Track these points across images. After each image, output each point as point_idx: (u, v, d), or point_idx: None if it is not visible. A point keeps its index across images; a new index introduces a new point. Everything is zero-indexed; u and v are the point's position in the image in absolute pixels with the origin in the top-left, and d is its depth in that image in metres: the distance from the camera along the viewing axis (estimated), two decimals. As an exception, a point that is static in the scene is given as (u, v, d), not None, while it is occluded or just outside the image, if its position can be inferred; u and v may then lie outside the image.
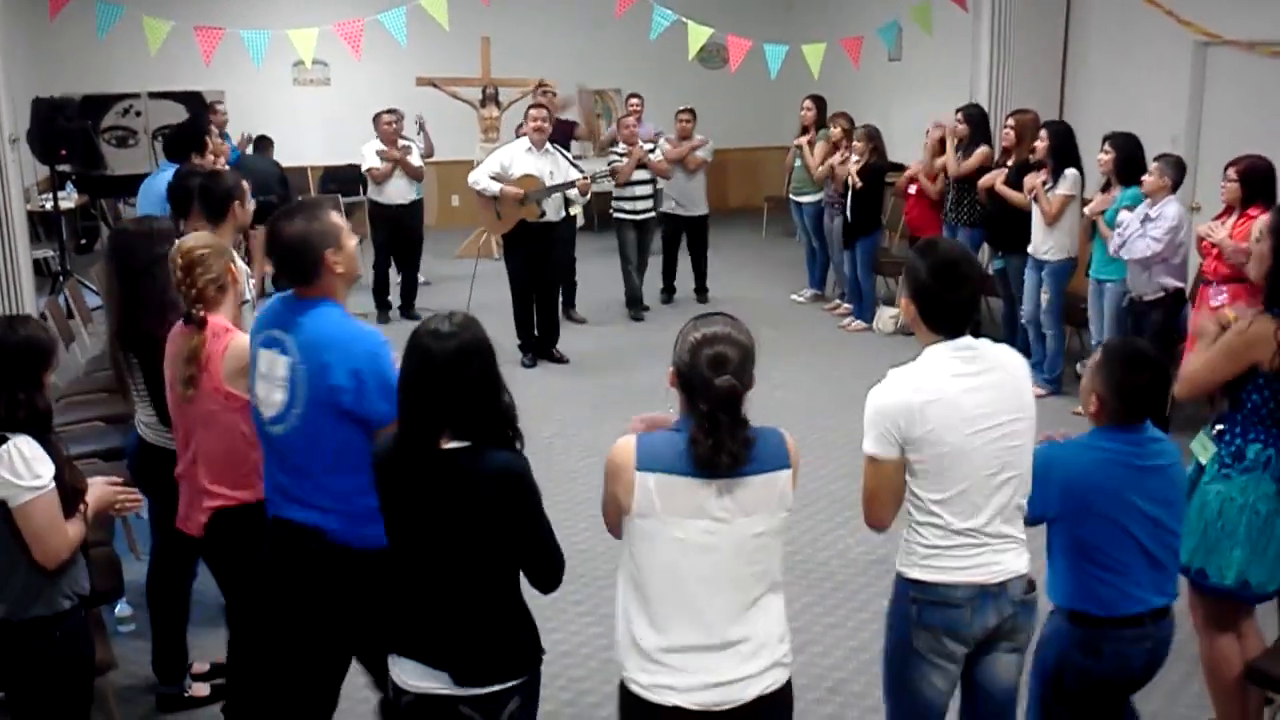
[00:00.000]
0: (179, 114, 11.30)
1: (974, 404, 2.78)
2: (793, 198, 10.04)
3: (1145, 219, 6.33)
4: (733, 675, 2.52)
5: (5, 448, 2.90)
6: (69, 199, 11.08)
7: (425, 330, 2.60)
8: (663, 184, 9.71)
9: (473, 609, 2.63)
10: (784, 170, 10.43)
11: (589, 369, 8.27)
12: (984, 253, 8.29)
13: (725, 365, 2.43)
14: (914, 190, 8.78)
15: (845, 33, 9.30)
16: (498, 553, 2.63)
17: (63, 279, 9.01)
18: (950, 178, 8.34)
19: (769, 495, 2.52)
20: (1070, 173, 7.13)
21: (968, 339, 2.85)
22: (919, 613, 2.87)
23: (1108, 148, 6.74)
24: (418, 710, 2.69)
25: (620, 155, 9.34)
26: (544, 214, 8.07)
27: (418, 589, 2.67)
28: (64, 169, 10.45)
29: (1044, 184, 7.17)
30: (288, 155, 11.31)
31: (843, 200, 9.02)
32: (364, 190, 10.33)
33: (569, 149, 9.51)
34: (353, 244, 3.21)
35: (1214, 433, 3.60)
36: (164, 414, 3.74)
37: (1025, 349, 7.68)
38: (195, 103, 11.63)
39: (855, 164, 8.79)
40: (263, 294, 5.81)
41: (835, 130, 9.26)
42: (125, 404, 4.22)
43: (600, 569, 5.09)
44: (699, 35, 8.28)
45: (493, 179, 7.99)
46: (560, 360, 8.39)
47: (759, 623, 2.56)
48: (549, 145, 8.17)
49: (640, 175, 9.38)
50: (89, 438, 5.28)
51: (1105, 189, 6.83)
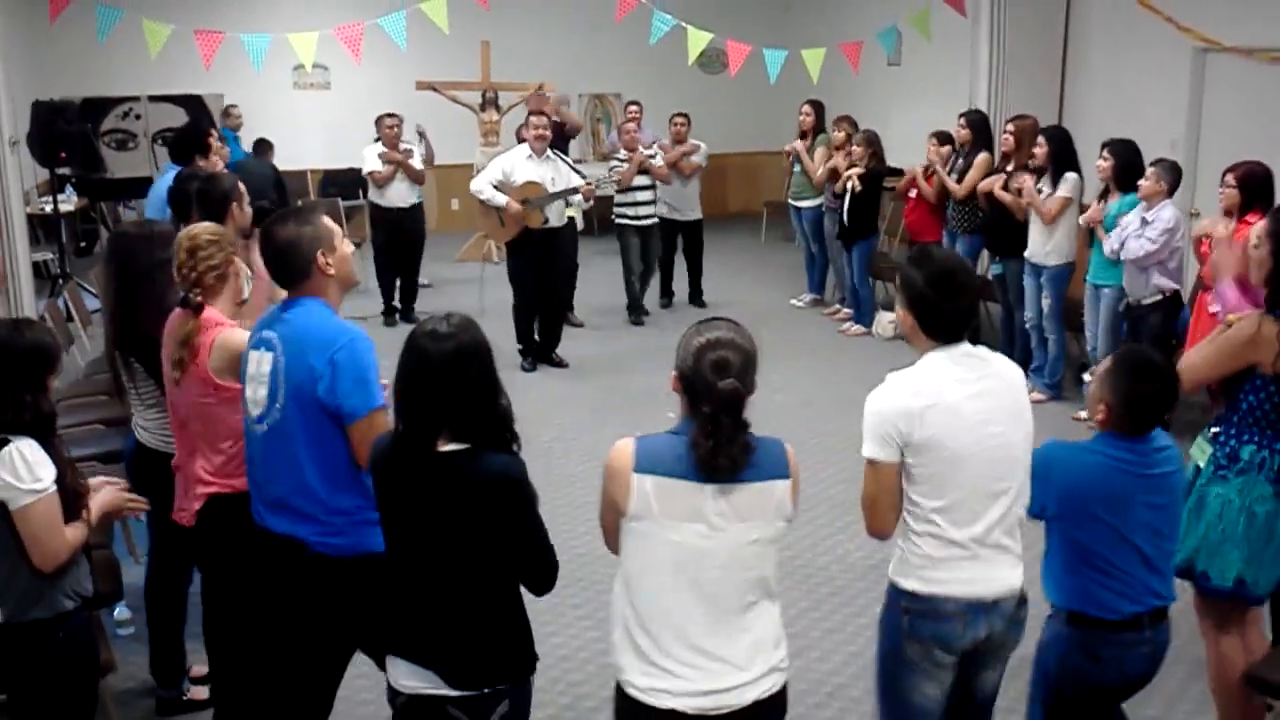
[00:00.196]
0: (179, 117, 11.32)
1: (973, 410, 2.78)
2: (792, 202, 10.04)
3: (1142, 222, 6.35)
4: (729, 680, 2.53)
5: (7, 450, 2.90)
6: (69, 202, 11.09)
7: (423, 332, 2.61)
8: (659, 188, 9.72)
9: (466, 610, 2.63)
10: (783, 174, 10.43)
11: (589, 373, 8.28)
12: (983, 258, 8.29)
13: (728, 369, 2.45)
14: (914, 194, 8.79)
15: (844, 38, 9.31)
16: (493, 555, 2.62)
17: (62, 282, 9.01)
18: (957, 199, 8.28)
19: (765, 503, 2.53)
20: (1070, 176, 7.14)
21: (966, 345, 2.86)
22: (911, 623, 2.87)
23: (1106, 154, 6.74)
24: (410, 711, 2.69)
25: (622, 161, 9.38)
26: (547, 220, 8.08)
27: (412, 589, 2.67)
28: (64, 172, 10.45)
29: (1036, 187, 7.19)
30: (288, 159, 11.33)
31: (839, 203, 9.03)
32: (364, 194, 10.34)
33: (568, 153, 9.52)
34: (348, 249, 3.22)
35: (1210, 435, 3.61)
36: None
37: (1025, 354, 7.69)
38: (195, 106, 11.65)
39: (856, 170, 8.79)
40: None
41: (838, 134, 9.26)
42: (124, 407, 4.22)
43: (599, 573, 5.08)
44: (699, 40, 8.29)
45: (495, 187, 8.00)
46: (560, 365, 8.40)
47: (755, 628, 2.57)
48: (549, 151, 8.18)
49: (642, 181, 9.40)
50: (88, 441, 5.27)
51: (1104, 195, 6.84)
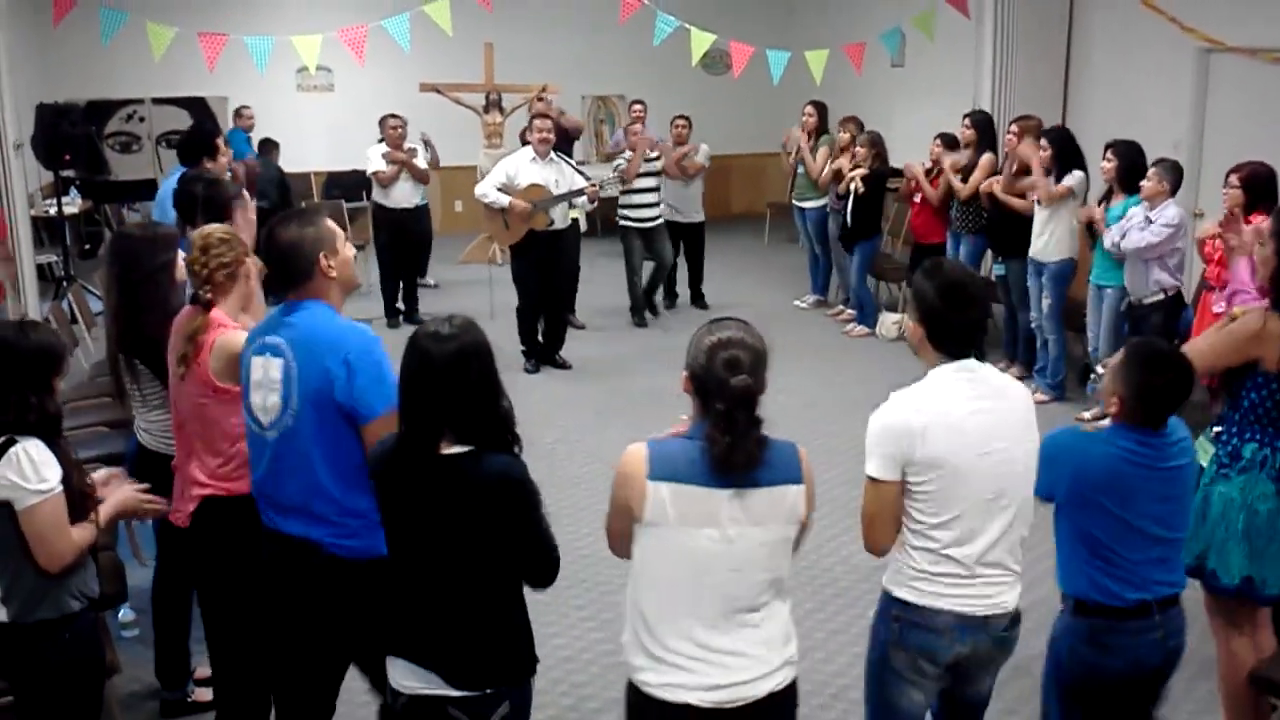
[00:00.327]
0: (183, 120, 11.35)
1: (976, 427, 2.79)
2: (796, 203, 10.03)
3: (1146, 221, 6.35)
4: (743, 674, 2.55)
5: (14, 450, 2.91)
6: (73, 204, 11.11)
7: (425, 333, 2.62)
8: (662, 189, 9.69)
9: (468, 611, 2.63)
10: (785, 175, 10.43)
11: (592, 375, 8.28)
12: (986, 259, 8.28)
13: (739, 367, 2.47)
14: (919, 197, 8.78)
15: (848, 39, 9.31)
16: (496, 556, 2.63)
17: (66, 284, 9.03)
18: (961, 199, 8.28)
19: (778, 508, 2.55)
20: (1076, 173, 7.15)
21: (971, 362, 2.86)
22: (900, 632, 2.90)
23: (1110, 155, 6.74)
24: (411, 712, 2.69)
25: (628, 159, 9.34)
26: (552, 223, 8.09)
27: (414, 590, 2.67)
28: (68, 174, 10.47)
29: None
30: (291, 161, 11.34)
31: (843, 203, 9.03)
32: (368, 195, 10.34)
33: (571, 155, 9.52)
34: (350, 252, 3.22)
35: (1212, 434, 3.61)
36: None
37: (1029, 355, 7.69)
38: (199, 108, 11.67)
39: (860, 171, 8.80)
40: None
41: (843, 136, 9.26)
42: (125, 410, 4.22)
43: (603, 575, 5.08)
44: (702, 41, 8.29)
45: (500, 190, 8.01)
46: (563, 366, 8.40)
47: (765, 625, 2.59)
48: (553, 154, 8.18)
49: (647, 183, 9.35)
50: (92, 443, 5.28)
51: (1107, 196, 6.84)
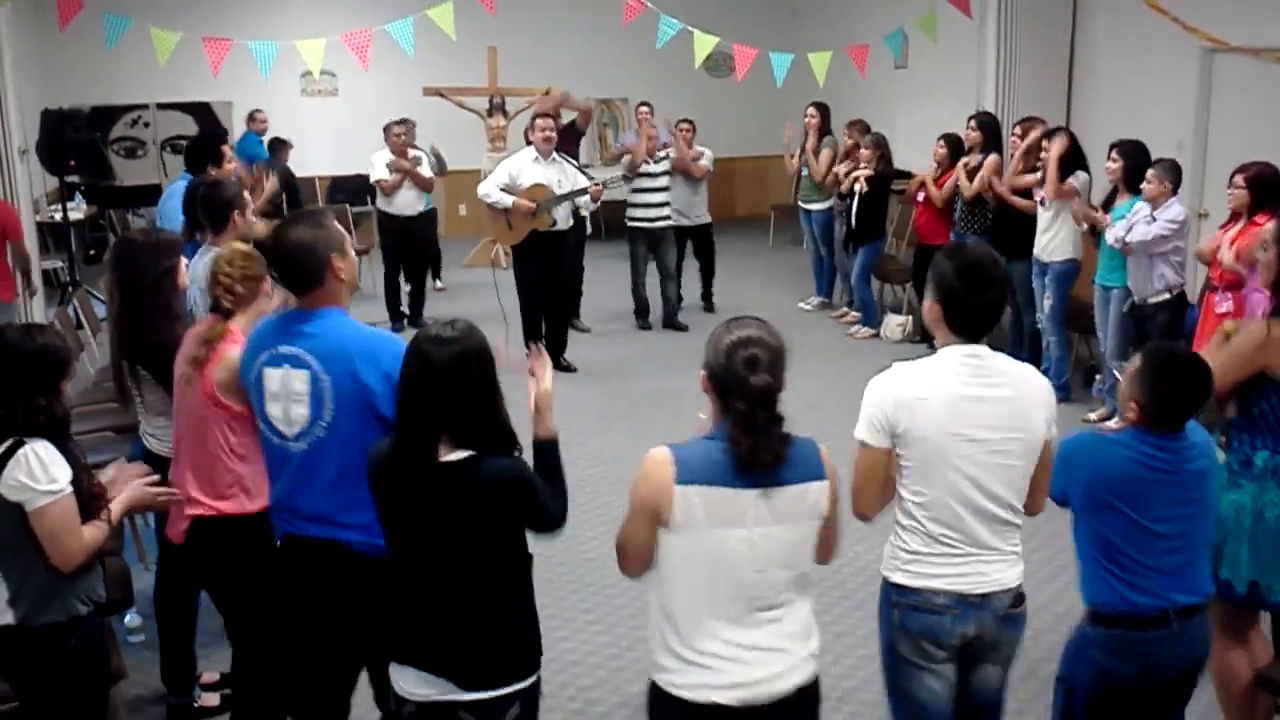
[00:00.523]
0: (188, 125, 11.37)
1: (969, 413, 2.78)
2: (801, 205, 10.03)
3: (1151, 219, 6.35)
4: (767, 670, 2.56)
5: (23, 451, 2.92)
6: (78, 210, 11.13)
7: (426, 336, 2.62)
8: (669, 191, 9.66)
9: (476, 613, 2.63)
10: (789, 176, 10.42)
11: (596, 377, 8.27)
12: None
13: (758, 366, 2.48)
14: (923, 197, 8.78)
15: (850, 41, 9.28)
16: (500, 556, 2.64)
17: (72, 289, 9.05)
18: (966, 198, 8.28)
19: (802, 505, 2.56)
20: (1079, 174, 7.15)
21: (981, 348, 2.85)
22: (901, 617, 2.90)
23: (1115, 155, 6.74)
24: (420, 719, 2.69)
25: (644, 159, 9.24)
26: (555, 223, 8.09)
27: (420, 596, 2.67)
28: (73, 180, 10.50)
29: (1039, 200, 7.25)
30: (296, 165, 11.32)
31: (846, 203, 9.02)
32: (372, 200, 10.36)
33: (577, 157, 9.51)
34: (353, 253, 3.22)
35: (1222, 441, 3.60)
36: None
37: (1034, 356, 7.67)
38: (204, 113, 11.69)
39: (863, 170, 8.80)
40: None
41: (848, 140, 9.25)
42: (131, 415, 4.23)
43: (609, 578, 5.08)
44: (705, 44, 8.28)
45: (502, 190, 8.01)
46: (568, 369, 8.40)
47: (789, 619, 2.60)
48: (555, 154, 8.18)
49: (655, 184, 9.31)
50: (99, 448, 5.27)
51: (1112, 197, 6.84)
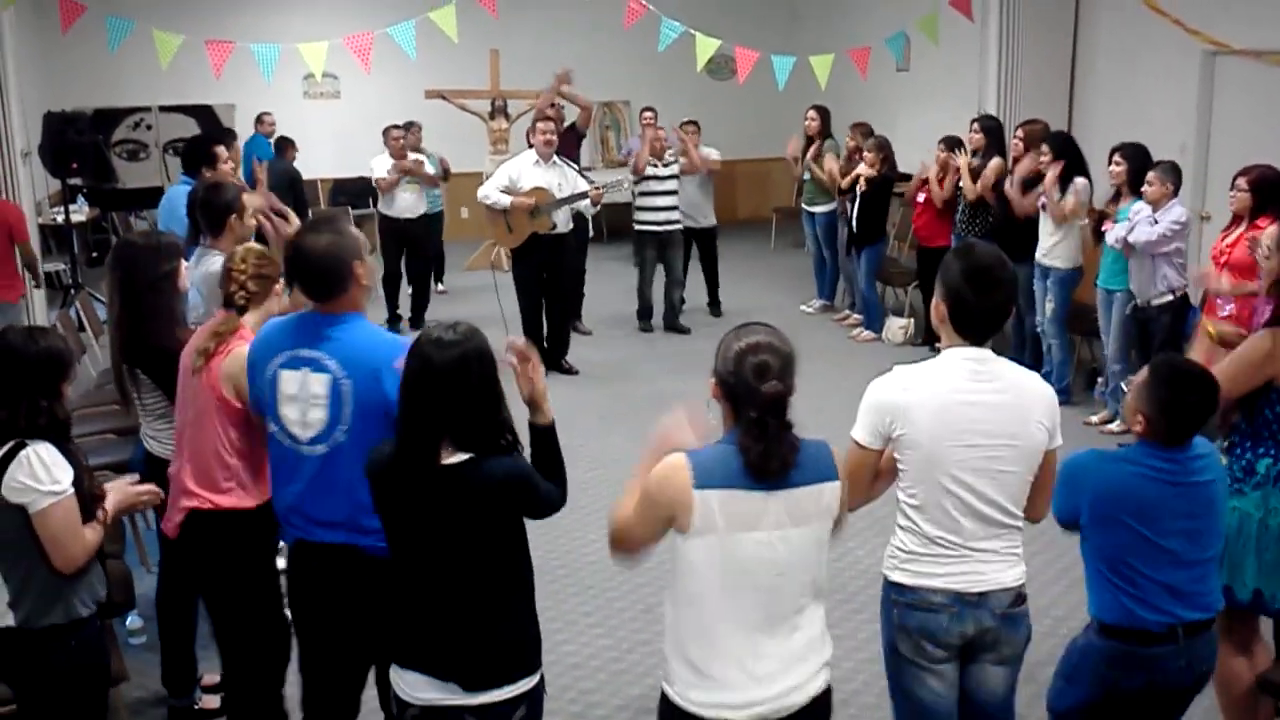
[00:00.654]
0: (190, 127, 11.38)
1: (966, 418, 2.78)
2: (805, 208, 10.01)
3: (1153, 221, 6.36)
4: (785, 684, 2.54)
5: (25, 453, 2.92)
6: (80, 212, 11.12)
7: (428, 339, 2.62)
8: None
9: (479, 615, 2.63)
10: (793, 179, 10.41)
11: (597, 380, 8.27)
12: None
13: (769, 372, 2.47)
14: (922, 199, 8.78)
15: (852, 43, 9.28)
16: (503, 556, 2.64)
17: (74, 292, 9.04)
18: (969, 200, 8.27)
19: (817, 506, 2.55)
20: (1079, 181, 7.14)
21: (986, 352, 2.84)
22: (900, 616, 2.90)
23: (1119, 158, 6.74)
24: None
25: (653, 164, 9.20)
26: (555, 226, 8.09)
27: (423, 599, 2.67)
28: (75, 182, 10.49)
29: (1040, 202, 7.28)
30: (299, 167, 11.34)
31: (850, 200, 9.02)
32: (374, 203, 10.37)
33: (578, 161, 9.51)
34: (370, 258, 3.22)
35: (1224, 447, 3.59)
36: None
37: (1035, 359, 7.67)
38: (206, 116, 11.71)
39: (865, 170, 8.82)
40: None
41: (849, 142, 9.25)
42: (132, 417, 4.23)
43: (610, 581, 5.08)
44: (707, 47, 8.28)
45: (502, 193, 8.01)
46: (569, 371, 8.40)
47: (809, 627, 2.60)
48: (555, 158, 8.19)
49: (663, 187, 9.27)
50: (100, 450, 5.28)
51: (1115, 199, 6.84)
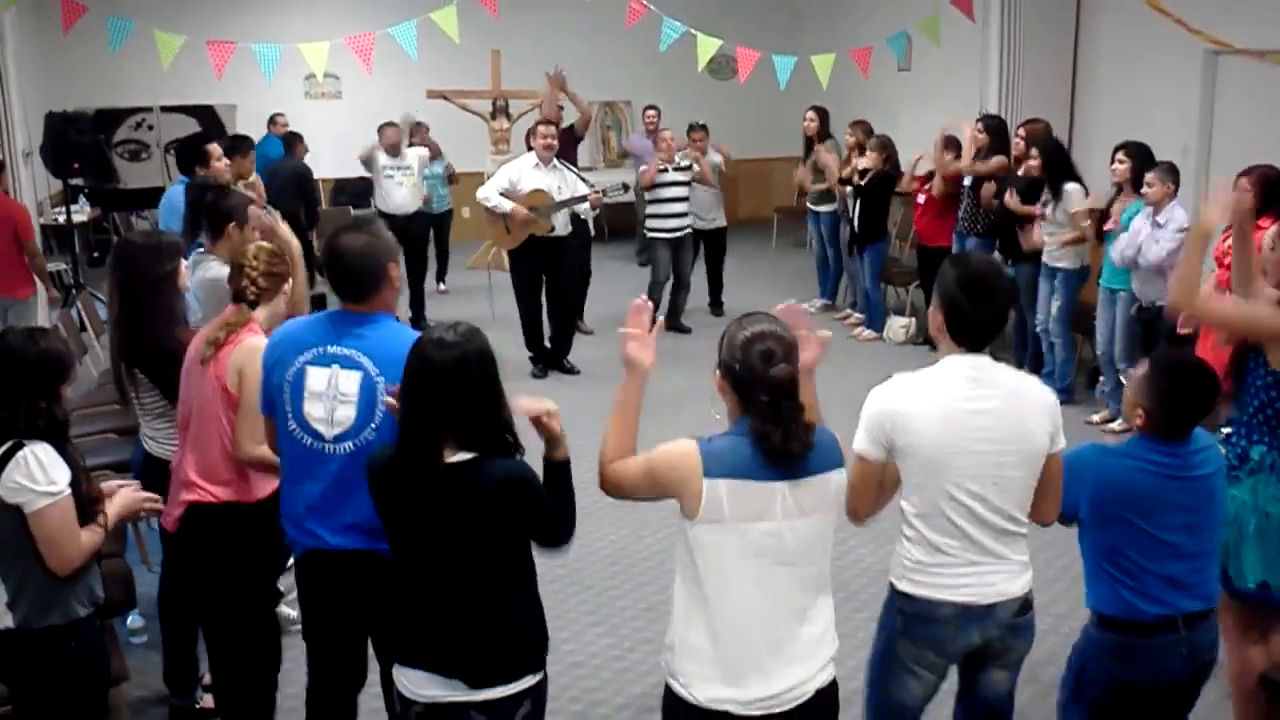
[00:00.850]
0: (191, 127, 11.36)
1: (967, 425, 2.78)
2: (811, 207, 10.02)
3: (1154, 225, 6.35)
4: (792, 679, 2.55)
5: (22, 453, 2.92)
6: (82, 212, 11.14)
7: (429, 339, 2.63)
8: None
9: (483, 614, 2.63)
10: (796, 183, 10.41)
11: (598, 380, 8.25)
12: (994, 261, 8.27)
13: (774, 359, 2.50)
14: (923, 199, 8.78)
15: (853, 43, 9.28)
16: (507, 557, 2.64)
17: (75, 292, 9.05)
18: (967, 179, 8.28)
19: (825, 495, 2.56)
20: (1072, 187, 7.15)
21: (984, 359, 2.84)
22: (905, 624, 2.91)
23: (1122, 156, 6.75)
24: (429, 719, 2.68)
25: (664, 169, 9.19)
26: (553, 229, 8.09)
27: (427, 597, 2.67)
28: (77, 183, 10.51)
29: (1044, 202, 7.26)
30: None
31: (852, 199, 9.02)
32: (374, 203, 10.37)
33: (576, 163, 9.51)
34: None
35: (1221, 436, 3.59)
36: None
37: (1036, 358, 7.66)
38: (207, 116, 11.70)
39: (865, 162, 8.84)
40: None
41: (849, 139, 9.26)
42: (132, 417, 4.23)
43: (611, 580, 5.08)
44: (708, 47, 8.28)
45: (502, 195, 8.01)
46: (571, 371, 8.40)
47: (815, 622, 2.60)
48: (555, 161, 8.19)
49: (675, 194, 9.22)
50: (101, 450, 5.29)
51: (1117, 197, 6.85)
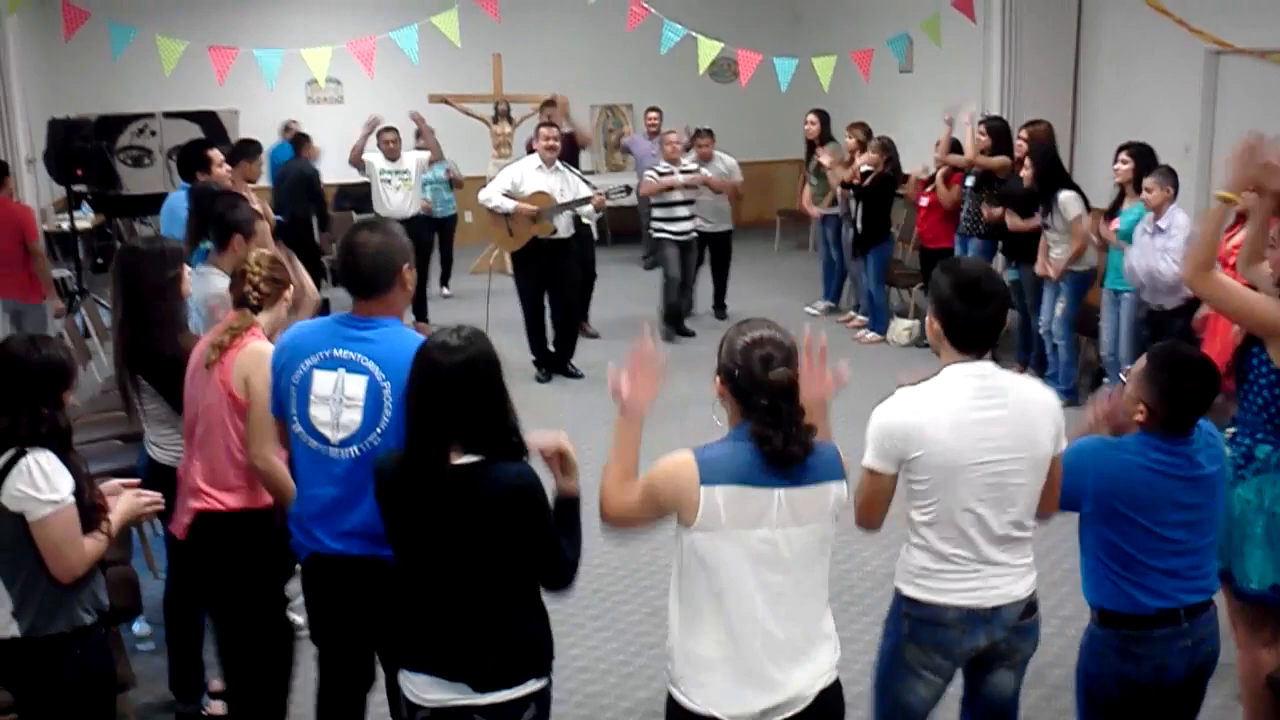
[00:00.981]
0: (194, 133, 11.35)
1: (977, 434, 2.77)
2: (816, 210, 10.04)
3: (1156, 230, 6.34)
4: (792, 684, 2.55)
5: (25, 461, 2.91)
6: (85, 219, 11.15)
7: (433, 344, 2.63)
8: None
9: (488, 618, 2.63)
10: (799, 185, 10.41)
11: (603, 383, 8.20)
12: (997, 263, 8.26)
13: (774, 363, 2.51)
14: (926, 201, 8.78)
15: (855, 45, 9.29)
16: (511, 560, 2.64)
17: (79, 298, 9.06)
18: (969, 180, 8.29)
19: (822, 505, 2.57)
20: (1066, 196, 7.15)
21: (987, 366, 2.84)
22: (911, 629, 2.92)
23: (1125, 156, 6.75)
24: None
25: (664, 173, 9.18)
26: (556, 230, 8.10)
27: (431, 602, 2.67)
28: (80, 189, 10.52)
29: (1042, 214, 7.29)
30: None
31: (854, 201, 9.03)
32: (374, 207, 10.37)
33: (577, 165, 9.51)
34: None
35: (1226, 436, 3.59)
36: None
37: (1040, 360, 7.66)
38: (210, 122, 11.71)
39: (863, 167, 8.84)
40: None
41: (850, 141, 9.27)
42: (137, 423, 4.23)
43: (616, 585, 5.08)
44: (709, 49, 8.29)
45: (505, 196, 8.02)
46: (575, 375, 8.39)
47: (815, 628, 2.60)
48: (558, 163, 8.20)
49: (682, 196, 9.20)
50: (105, 456, 5.29)
51: (1119, 198, 6.84)
